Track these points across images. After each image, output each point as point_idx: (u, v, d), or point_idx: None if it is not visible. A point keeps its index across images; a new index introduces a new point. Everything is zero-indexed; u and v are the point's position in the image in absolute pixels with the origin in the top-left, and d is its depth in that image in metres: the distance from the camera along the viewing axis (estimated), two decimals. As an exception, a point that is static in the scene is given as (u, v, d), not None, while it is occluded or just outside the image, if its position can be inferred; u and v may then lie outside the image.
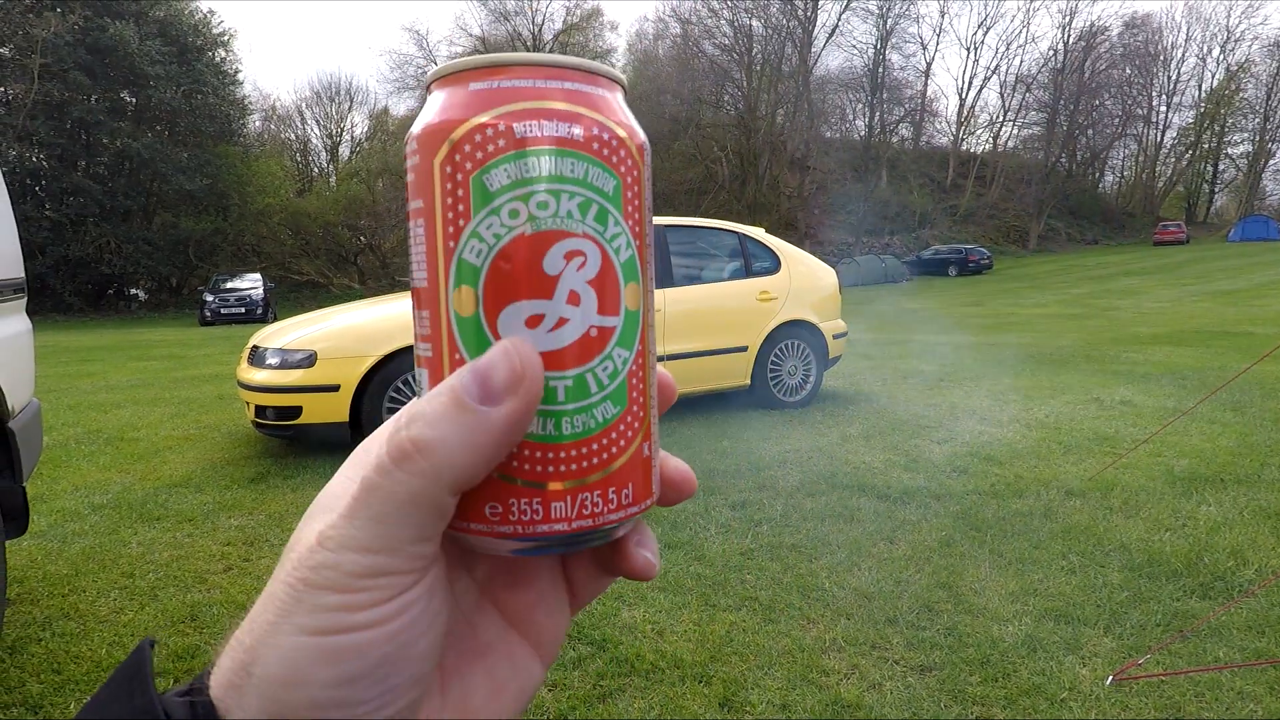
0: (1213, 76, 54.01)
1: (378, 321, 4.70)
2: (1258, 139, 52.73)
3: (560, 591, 0.34)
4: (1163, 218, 50.14)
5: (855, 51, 47.61)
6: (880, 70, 45.89)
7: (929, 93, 51.41)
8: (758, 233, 6.15)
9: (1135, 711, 2.09)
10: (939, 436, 4.99)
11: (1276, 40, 52.16)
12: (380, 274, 33.11)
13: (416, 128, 0.29)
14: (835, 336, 6.15)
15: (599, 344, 0.29)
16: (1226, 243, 41.88)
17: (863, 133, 47.15)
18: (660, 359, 5.31)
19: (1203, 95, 53.41)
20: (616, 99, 0.31)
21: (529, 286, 0.28)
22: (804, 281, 6.06)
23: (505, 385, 0.26)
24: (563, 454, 0.28)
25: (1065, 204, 49.07)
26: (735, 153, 40.50)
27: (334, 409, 4.43)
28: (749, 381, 5.78)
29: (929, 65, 57.63)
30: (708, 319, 5.59)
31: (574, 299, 0.28)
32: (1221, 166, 57.10)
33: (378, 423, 4.46)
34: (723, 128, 41.45)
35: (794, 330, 5.92)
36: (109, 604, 2.81)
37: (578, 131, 0.28)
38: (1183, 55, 54.09)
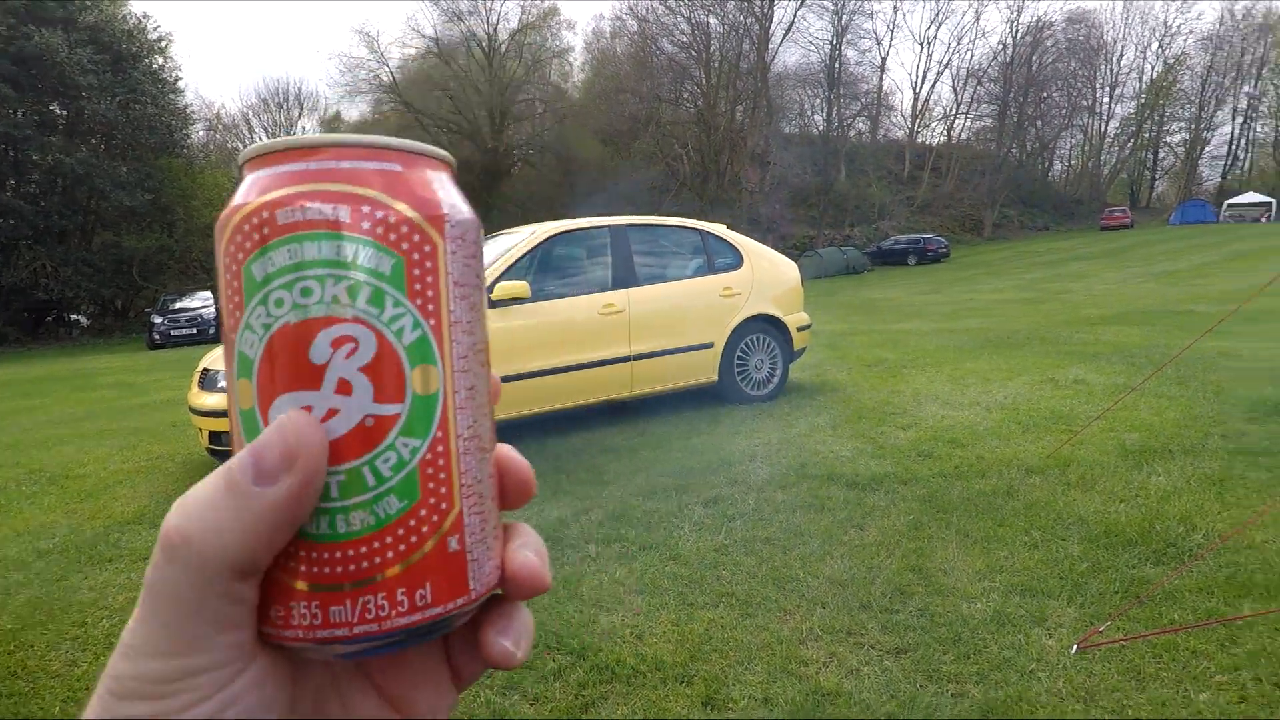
0: (1151, 69, 56.50)
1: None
2: (1194, 127, 55.54)
3: (441, 673, 0.33)
4: (1108, 204, 51.95)
5: (812, 48, 48.37)
6: (836, 66, 46.61)
7: (884, 87, 52.42)
8: (719, 229, 6.20)
9: (1100, 677, 2.16)
10: (904, 422, 5.09)
11: (1208, 34, 54.85)
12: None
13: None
14: (799, 329, 6.23)
15: (377, 434, 0.27)
16: (1168, 226, 43.43)
17: (821, 127, 47.83)
18: (627, 359, 5.37)
19: (1143, 87, 55.80)
20: (411, 171, 0.29)
21: (295, 377, 0.26)
22: (766, 276, 6.13)
23: (279, 462, 0.25)
24: (339, 554, 0.27)
25: (1017, 193, 50.42)
26: (696, 150, 40.72)
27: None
28: (716, 377, 5.82)
29: (884, 60, 58.85)
30: (673, 317, 5.62)
31: (344, 388, 0.26)
32: (1161, 154, 59.75)
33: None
34: (683, 125, 41.63)
35: (759, 325, 5.98)
36: (61, 657, 2.68)
37: (344, 213, 0.27)
38: (1122, 49, 56.47)
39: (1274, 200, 43.71)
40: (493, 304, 4.90)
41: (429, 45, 41.15)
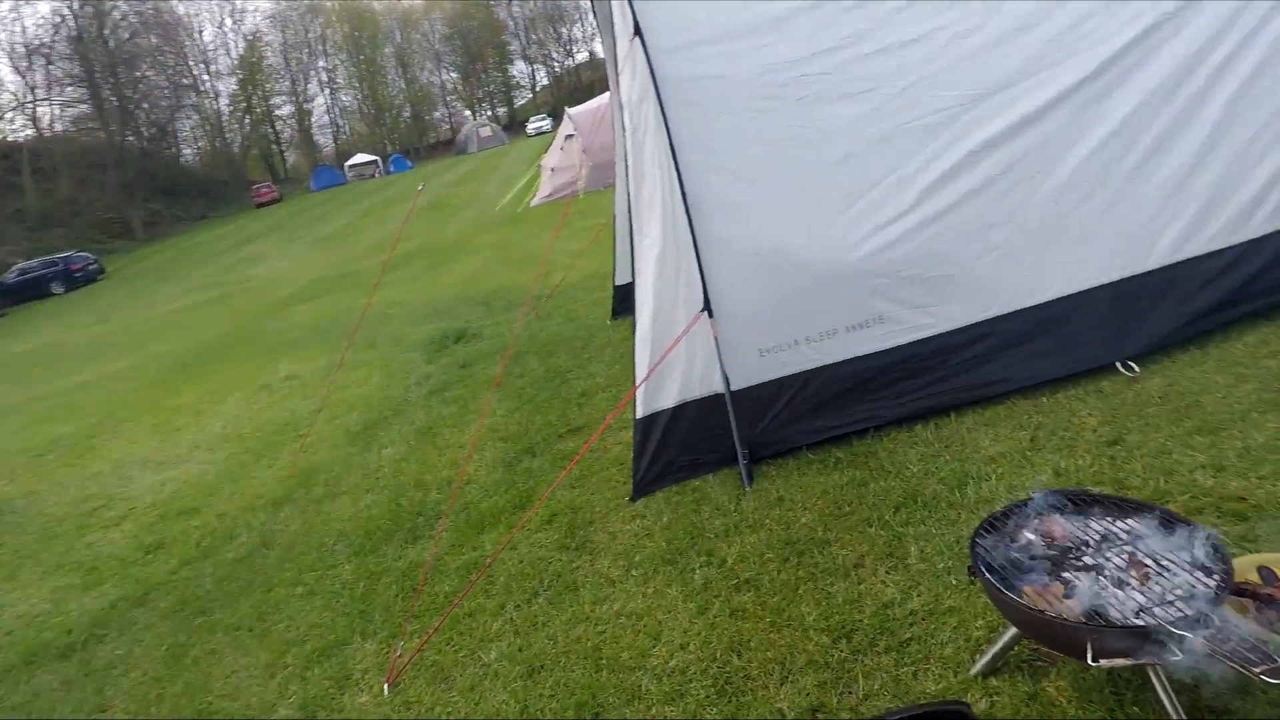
0: (234, 46, 59.54)
1: None
2: (295, 100, 62.34)
3: None
4: (254, 180, 53.92)
5: None
6: None
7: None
8: None
9: (416, 699, 2.10)
10: (113, 516, 4.02)
11: (273, 13, 60.80)
12: None
13: None
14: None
15: None
16: (310, 193, 48.22)
17: None
18: None
19: (235, 63, 58.54)
20: None
21: None
22: None
23: None
24: None
25: (156, 184, 46.73)
26: None
27: None
28: None
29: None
30: None
31: None
32: (279, 127, 64.98)
33: None
34: None
35: None
36: None
37: None
38: (200, 25, 57.30)
39: (378, 157, 53.55)
40: None
41: None
